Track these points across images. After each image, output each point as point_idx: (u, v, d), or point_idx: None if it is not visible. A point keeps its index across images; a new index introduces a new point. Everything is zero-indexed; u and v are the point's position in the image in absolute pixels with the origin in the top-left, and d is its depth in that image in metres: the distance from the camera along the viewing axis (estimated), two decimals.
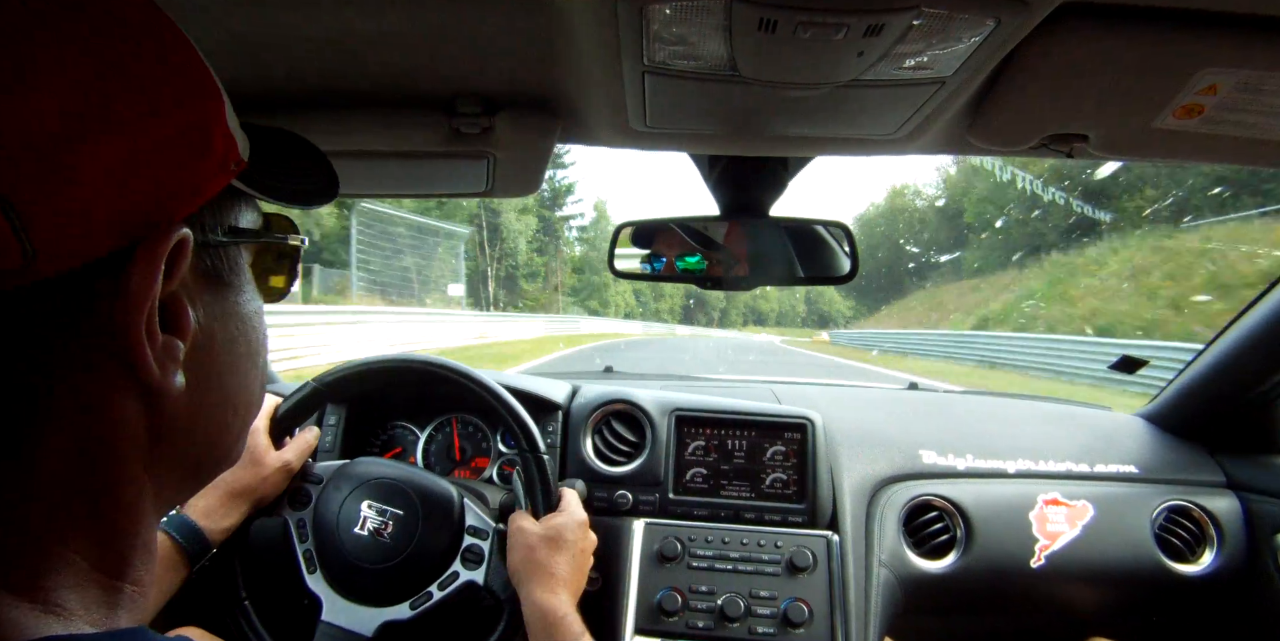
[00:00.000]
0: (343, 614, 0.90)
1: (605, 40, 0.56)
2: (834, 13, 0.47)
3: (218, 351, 0.37)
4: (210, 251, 0.36)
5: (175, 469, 0.36)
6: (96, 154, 0.28)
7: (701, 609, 1.07)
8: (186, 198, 0.33)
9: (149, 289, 0.31)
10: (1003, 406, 1.52)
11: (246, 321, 0.39)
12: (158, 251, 0.31)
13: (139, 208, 0.30)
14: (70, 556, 0.31)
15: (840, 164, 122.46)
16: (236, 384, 0.39)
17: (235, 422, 0.40)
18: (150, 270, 0.31)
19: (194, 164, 0.32)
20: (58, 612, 0.29)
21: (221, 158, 0.34)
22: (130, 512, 0.33)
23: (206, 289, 0.36)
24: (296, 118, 0.73)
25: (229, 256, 0.38)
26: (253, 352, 0.40)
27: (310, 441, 1.01)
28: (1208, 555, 1.20)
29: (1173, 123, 0.66)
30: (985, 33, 0.51)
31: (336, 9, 0.56)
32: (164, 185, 0.31)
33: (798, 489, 1.17)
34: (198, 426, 0.36)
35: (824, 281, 1.03)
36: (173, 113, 0.31)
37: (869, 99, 0.64)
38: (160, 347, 0.32)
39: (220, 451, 0.40)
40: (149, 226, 0.31)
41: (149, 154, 0.30)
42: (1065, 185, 17.63)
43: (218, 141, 0.33)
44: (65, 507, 0.31)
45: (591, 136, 0.82)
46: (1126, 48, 0.56)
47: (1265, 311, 1.16)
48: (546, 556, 0.87)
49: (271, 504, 0.97)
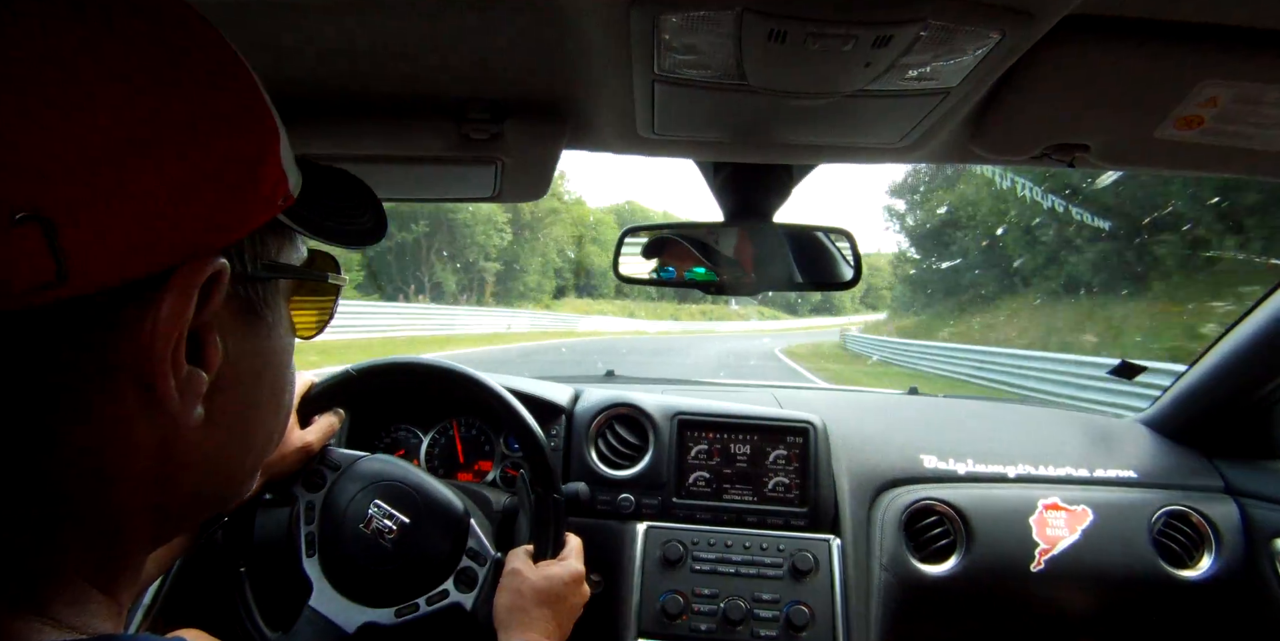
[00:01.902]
0: (329, 604, 0.90)
1: (616, 49, 0.57)
2: (843, 24, 0.48)
3: (241, 386, 0.36)
4: (247, 284, 0.36)
5: (181, 499, 0.35)
6: (139, 178, 0.28)
7: (705, 612, 1.07)
8: (228, 229, 0.32)
9: (180, 317, 0.30)
10: (1002, 411, 1.53)
11: (275, 358, 0.39)
12: (193, 280, 0.31)
13: (178, 235, 0.30)
14: (69, 573, 0.31)
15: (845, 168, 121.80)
16: (256, 420, 0.38)
17: (249, 460, 0.39)
18: (183, 299, 0.30)
19: (240, 195, 0.32)
20: (52, 622, 0.29)
21: (270, 192, 0.34)
22: (131, 537, 0.33)
23: (239, 322, 0.35)
24: (308, 123, 0.74)
25: (266, 291, 0.37)
26: (277, 389, 0.40)
27: (334, 424, 1.00)
28: (1206, 560, 1.20)
29: (1173, 133, 0.67)
30: (990, 45, 0.52)
31: (351, 17, 0.57)
32: (206, 214, 0.31)
33: (800, 492, 1.18)
34: (210, 459, 0.36)
35: (827, 287, 1.04)
36: (222, 143, 0.30)
37: (874, 108, 0.65)
38: (184, 378, 0.31)
39: (229, 487, 0.39)
40: (187, 254, 0.30)
41: (194, 182, 0.29)
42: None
43: (267, 175, 0.33)
44: (70, 526, 0.31)
45: (599, 142, 0.83)
46: (1128, 60, 0.57)
47: (1263, 318, 1.17)
48: (534, 607, 0.84)
49: (285, 480, 0.96)
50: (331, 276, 0.43)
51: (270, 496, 0.97)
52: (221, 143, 0.30)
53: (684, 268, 1.02)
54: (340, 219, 0.42)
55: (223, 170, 0.31)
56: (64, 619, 0.30)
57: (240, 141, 0.31)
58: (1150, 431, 1.38)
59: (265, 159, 0.33)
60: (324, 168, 0.42)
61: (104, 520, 0.32)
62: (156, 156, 0.28)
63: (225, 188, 0.31)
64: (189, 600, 1.06)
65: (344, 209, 0.43)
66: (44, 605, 0.30)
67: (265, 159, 0.33)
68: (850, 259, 1.02)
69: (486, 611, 0.88)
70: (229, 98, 0.31)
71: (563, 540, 0.95)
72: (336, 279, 0.44)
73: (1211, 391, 1.29)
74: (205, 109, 0.30)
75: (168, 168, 0.28)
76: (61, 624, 0.30)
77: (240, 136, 0.32)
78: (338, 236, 0.41)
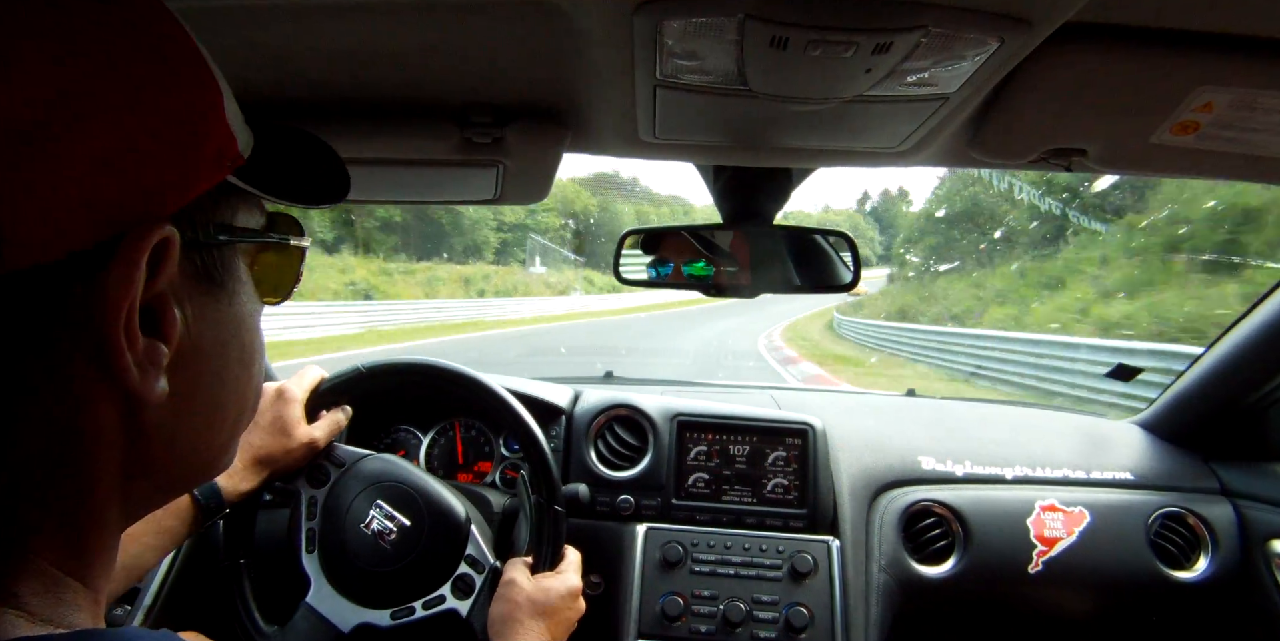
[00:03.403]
0: (326, 602, 0.90)
1: (619, 54, 0.57)
2: (844, 31, 0.49)
3: (206, 357, 0.35)
4: (202, 251, 0.34)
5: (152, 477, 0.34)
6: (78, 142, 0.26)
7: (704, 614, 1.08)
8: (174, 192, 0.31)
9: (129, 288, 0.29)
10: (1000, 413, 1.54)
11: (240, 326, 0.37)
12: (139, 248, 0.29)
13: (122, 200, 0.28)
14: (37, 560, 0.30)
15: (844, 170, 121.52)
16: (225, 392, 0.37)
17: (222, 433, 0.38)
18: (130, 269, 0.29)
19: (184, 157, 0.31)
20: (25, 615, 0.28)
21: (215, 152, 0.32)
22: (100, 519, 0.32)
23: (197, 291, 0.34)
24: (312, 125, 0.74)
25: (223, 257, 0.36)
26: (246, 359, 0.38)
27: (341, 421, 0.99)
28: (1202, 561, 1.21)
29: (1169, 138, 0.68)
30: (989, 51, 0.52)
31: (355, 22, 0.58)
32: (149, 177, 0.29)
33: (799, 494, 1.18)
34: (180, 435, 0.34)
35: (825, 290, 1.04)
36: (158, 105, 0.29)
37: (874, 113, 0.66)
38: (141, 352, 0.30)
39: (203, 462, 0.38)
40: (133, 222, 0.29)
41: (131, 147, 0.28)
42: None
43: (212, 135, 0.32)
44: (35, 511, 0.30)
45: (600, 146, 0.83)
46: (1125, 66, 0.58)
47: (1259, 320, 1.18)
48: (528, 619, 0.84)
49: (290, 475, 0.96)
50: (293, 239, 0.41)
51: (270, 497, 0.97)
52: (158, 104, 0.29)
53: (683, 263, 1.03)
54: (298, 179, 0.40)
55: (163, 131, 0.29)
56: (37, 611, 0.29)
57: (177, 101, 0.30)
58: (1146, 433, 1.39)
59: (206, 118, 0.31)
60: (279, 127, 0.40)
61: (70, 501, 0.31)
62: (89, 123, 0.27)
63: (167, 149, 0.30)
64: (189, 600, 1.06)
65: (303, 168, 0.41)
66: (12, 595, 0.28)
67: (206, 118, 0.31)
68: (849, 262, 1.03)
69: (482, 619, 0.88)
70: (161, 58, 0.30)
71: (561, 553, 0.94)
72: (299, 241, 0.42)
73: (1207, 394, 1.29)
74: (143, 69, 0.29)
75: (102, 134, 0.27)
76: (35, 617, 0.28)
77: (181, 96, 0.30)
78: (295, 196, 0.40)
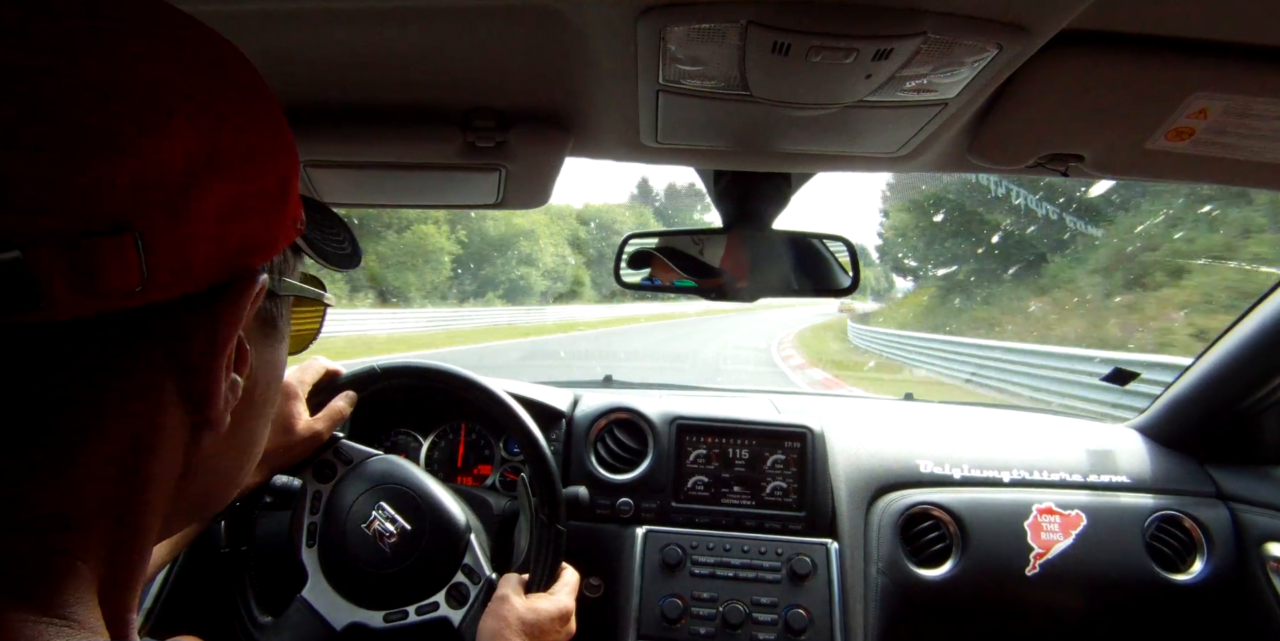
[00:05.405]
0: (321, 597, 0.90)
1: (622, 60, 0.58)
2: (845, 38, 0.50)
3: (255, 395, 0.39)
4: (270, 299, 0.38)
5: (190, 501, 0.37)
6: (209, 195, 0.30)
7: (704, 616, 1.08)
8: (268, 247, 0.35)
9: (235, 327, 0.33)
10: (997, 417, 1.54)
11: (277, 369, 0.42)
12: (249, 292, 0.33)
13: (234, 251, 0.32)
14: (84, 573, 0.31)
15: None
16: (259, 427, 0.41)
17: (247, 465, 0.41)
18: (238, 310, 0.33)
19: (278, 216, 0.35)
20: (69, 627, 0.29)
21: (295, 214, 0.37)
22: (144, 537, 0.34)
23: (260, 333, 0.38)
24: (316, 130, 0.74)
25: (279, 306, 0.40)
26: (272, 400, 0.42)
27: (344, 409, 0.97)
28: (1198, 564, 1.22)
29: (1164, 144, 0.68)
30: (988, 58, 0.53)
31: (361, 27, 0.58)
32: (255, 232, 0.33)
33: (797, 497, 1.19)
34: (221, 464, 0.38)
35: (825, 294, 1.05)
36: (268, 164, 0.33)
37: (874, 119, 0.66)
38: (228, 386, 0.34)
39: (228, 490, 0.41)
40: (237, 270, 0.33)
41: (248, 201, 0.32)
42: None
43: (291, 197, 0.36)
44: (91, 527, 0.31)
45: (602, 150, 0.84)
46: (1121, 73, 0.59)
47: (1254, 325, 1.19)
48: (515, 637, 0.83)
49: (296, 466, 0.96)
50: (326, 296, 0.47)
51: (270, 499, 0.97)
52: (265, 167, 0.33)
53: (683, 268, 1.03)
54: (332, 244, 0.46)
55: (269, 191, 0.34)
56: (76, 619, 0.30)
57: (280, 164, 0.34)
58: (1143, 437, 1.40)
59: (290, 182, 0.36)
60: (303, 197, 0.45)
61: (124, 521, 0.32)
62: (222, 176, 0.30)
63: (269, 208, 0.34)
64: (189, 601, 1.06)
65: (328, 234, 0.47)
66: (58, 606, 0.29)
67: (290, 182, 0.36)
68: (848, 266, 1.03)
69: (472, 631, 0.87)
70: (267, 125, 0.34)
71: (558, 573, 0.93)
72: (329, 298, 0.48)
73: (1202, 398, 1.30)
74: (256, 133, 0.33)
75: (230, 189, 0.31)
76: (73, 625, 0.29)
77: (279, 159, 0.34)
78: (333, 259, 0.45)
